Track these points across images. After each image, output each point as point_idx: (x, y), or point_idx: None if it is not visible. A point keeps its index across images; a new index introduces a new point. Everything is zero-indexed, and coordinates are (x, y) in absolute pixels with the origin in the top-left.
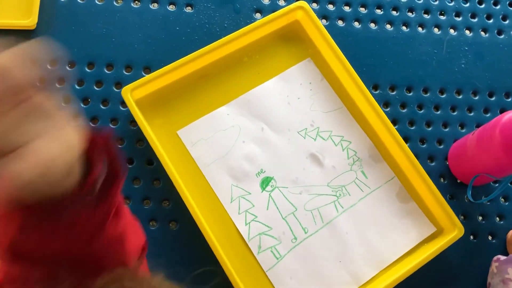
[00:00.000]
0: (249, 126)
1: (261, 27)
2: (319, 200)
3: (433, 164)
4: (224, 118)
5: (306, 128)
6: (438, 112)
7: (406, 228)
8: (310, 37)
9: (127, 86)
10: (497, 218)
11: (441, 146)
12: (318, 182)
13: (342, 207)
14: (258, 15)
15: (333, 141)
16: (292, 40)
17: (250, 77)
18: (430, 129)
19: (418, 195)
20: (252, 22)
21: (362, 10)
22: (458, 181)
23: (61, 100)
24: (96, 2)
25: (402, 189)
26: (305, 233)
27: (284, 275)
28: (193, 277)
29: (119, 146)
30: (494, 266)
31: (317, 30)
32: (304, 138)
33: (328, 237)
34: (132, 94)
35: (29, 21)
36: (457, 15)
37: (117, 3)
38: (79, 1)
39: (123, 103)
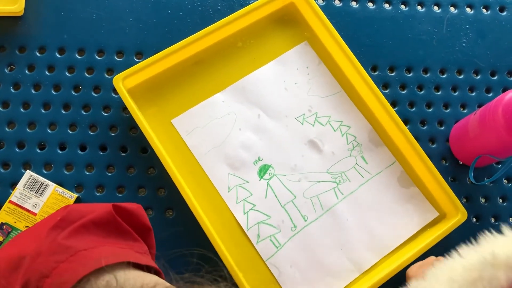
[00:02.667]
0: (245, 113)
1: (255, 10)
2: (319, 187)
3: (434, 146)
4: (219, 105)
5: (304, 114)
6: (439, 93)
7: (408, 214)
8: (306, 19)
9: (118, 74)
10: (500, 200)
11: (442, 128)
12: (317, 168)
13: (342, 194)
14: None
15: (332, 126)
16: (287, 23)
17: (245, 63)
18: (430, 110)
19: (419, 179)
20: (245, 4)
21: None
22: (460, 163)
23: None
24: None
25: (404, 174)
26: (305, 221)
27: (284, 264)
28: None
29: (112, 134)
30: None
31: (313, 12)
32: (302, 124)
33: (329, 225)
34: (124, 83)
35: (16, 6)
36: None
37: None
38: None
39: (115, 90)
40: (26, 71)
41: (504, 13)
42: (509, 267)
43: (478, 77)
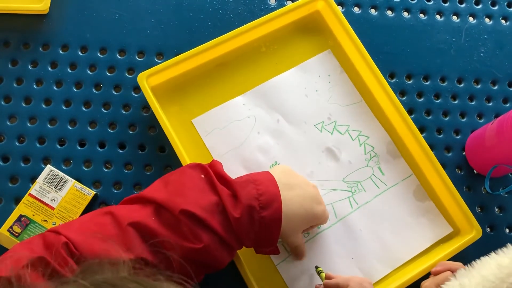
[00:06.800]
0: (264, 117)
1: (281, 16)
2: (334, 195)
3: (449, 154)
4: (240, 108)
5: (323, 121)
6: (456, 102)
7: (422, 228)
8: (331, 28)
9: (143, 72)
10: None
11: (458, 137)
12: (333, 177)
13: (357, 203)
14: (272, 1)
15: (350, 135)
16: (312, 31)
17: (267, 68)
18: (447, 119)
19: (435, 194)
20: (266, 8)
21: None
22: (475, 172)
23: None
24: None
25: (419, 187)
26: (318, 228)
27: (295, 269)
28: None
29: (131, 132)
30: None
31: (338, 22)
32: (321, 131)
33: (341, 233)
34: (148, 80)
35: (42, 5)
36: (477, 3)
37: None
38: None
39: (135, 89)
40: (49, 68)
41: None
42: None
43: (496, 87)
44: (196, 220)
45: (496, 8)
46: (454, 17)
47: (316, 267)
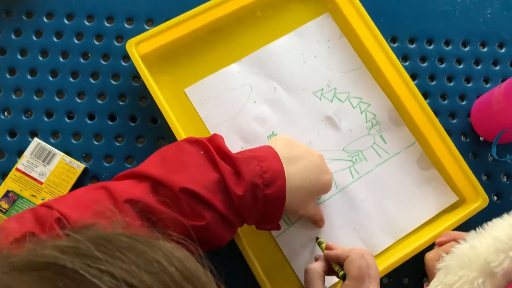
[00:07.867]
0: (261, 86)
1: None
2: (334, 165)
3: (454, 121)
4: (235, 76)
5: (322, 89)
6: (461, 66)
7: (426, 197)
8: None
9: (131, 39)
10: None
11: (463, 102)
12: (333, 146)
13: (358, 173)
14: None
15: (350, 103)
16: None
17: (263, 33)
18: (451, 84)
19: (440, 161)
20: None
21: None
22: (481, 139)
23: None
24: None
25: (423, 155)
26: (318, 199)
27: (294, 242)
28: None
29: (121, 103)
30: None
31: None
32: (320, 99)
33: (342, 204)
34: (137, 48)
35: None
36: None
37: None
38: None
39: (125, 57)
40: (34, 37)
41: None
42: None
43: (503, 50)
44: (197, 198)
45: None
46: None
47: (317, 238)
